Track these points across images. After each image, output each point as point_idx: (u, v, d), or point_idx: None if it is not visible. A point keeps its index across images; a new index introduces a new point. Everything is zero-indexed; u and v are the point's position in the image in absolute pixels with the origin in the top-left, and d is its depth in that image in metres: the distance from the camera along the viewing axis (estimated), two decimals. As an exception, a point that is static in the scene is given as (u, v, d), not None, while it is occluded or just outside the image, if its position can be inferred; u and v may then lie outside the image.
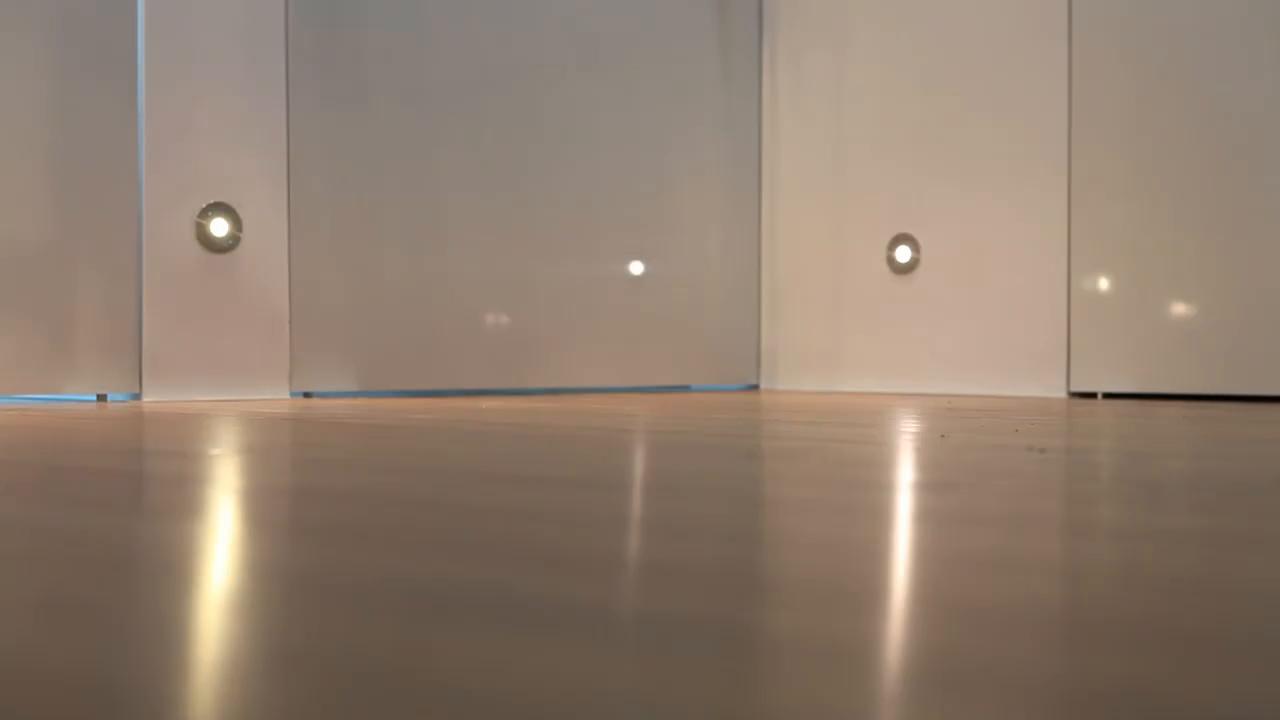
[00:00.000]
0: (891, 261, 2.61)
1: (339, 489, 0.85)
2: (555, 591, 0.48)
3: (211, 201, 2.06)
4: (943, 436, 1.31)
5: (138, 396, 2.01)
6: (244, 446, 1.20)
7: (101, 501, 0.79)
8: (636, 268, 2.61)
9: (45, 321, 1.94)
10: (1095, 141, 2.37)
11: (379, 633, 0.41)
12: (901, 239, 2.60)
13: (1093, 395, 2.38)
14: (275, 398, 2.12)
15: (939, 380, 2.54)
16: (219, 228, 2.06)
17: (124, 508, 0.78)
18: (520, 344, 2.44)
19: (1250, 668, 0.37)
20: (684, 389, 2.69)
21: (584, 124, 2.51)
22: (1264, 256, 2.21)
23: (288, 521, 0.72)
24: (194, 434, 1.33)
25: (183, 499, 0.81)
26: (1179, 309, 2.30)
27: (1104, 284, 2.37)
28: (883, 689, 0.35)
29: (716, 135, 2.73)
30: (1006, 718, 0.32)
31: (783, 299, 2.77)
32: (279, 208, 2.13)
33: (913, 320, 2.59)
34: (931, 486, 0.88)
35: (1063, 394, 2.40)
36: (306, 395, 2.17)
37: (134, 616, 0.45)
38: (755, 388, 2.79)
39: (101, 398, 1.99)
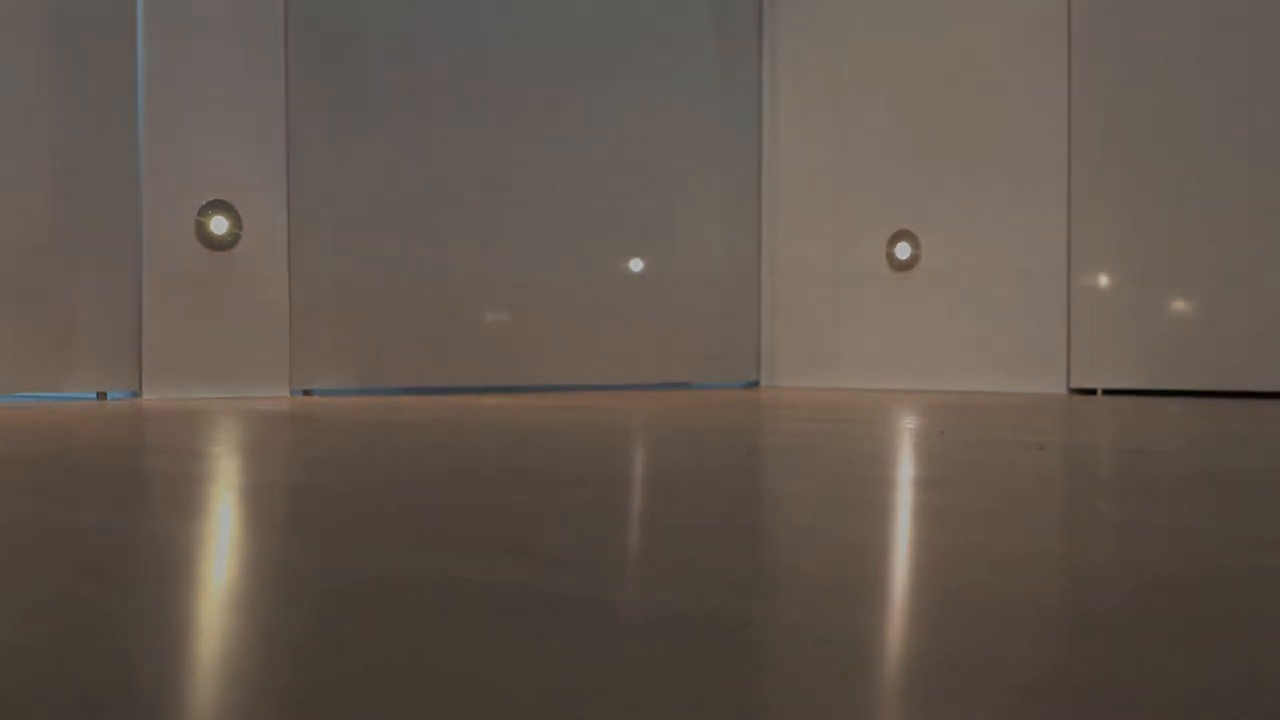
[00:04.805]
0: (891, 258, 2.61)
1: (339, 486, 0.85)
2: (556, 590, 0.48)
3: (211, 199, 2.06)
4: (942, 433, 1.31)
5: (137, 394, 2.01)
6: (245, 444, 1.20)
7: (102, 499, 0.79)
8: (636, 265, 2.61)
9: (45, 320, 1.94)
10: (1095, 139, 2.37)
11: (379, 628, 0.41)
12: (901, 235, 2.60)
13: (1093, 391, 2.38)
14: (275, 395, 2.12)
15: (939, 377, 2.54)
16: (219, 225, 2.06)
17: (125, 505, 0.78)
18: (520, 341, 2.43)
19: (1243, 655, 0.37)
20: (684, 386, 2.69)
21: (584, 122, 2.50)
22: (1263, 254, 2.21)
23: (288, 519, 0.72)
24: (194, 431, 1.33)
25: (184, 497, 0.81)
26: (1178, 305, 2.30)
27: (1103, 280, 2.37)
28: (880, 684, 0.35)
29: (716, 133, 2.73)
30: (1004, 715, 0.32)
31: (783, 296, 2.77)
32: (279, 206, 2.13)
33: (913, 317, 2.59)
34: (930, 483, 0.88)
35: (1063, 390, 2.40)
36: (306, 393, 2.17)
37: (134, 614, 0.45)
38: (755, 385, 2.79)
39: (102, 396, 1.99)
